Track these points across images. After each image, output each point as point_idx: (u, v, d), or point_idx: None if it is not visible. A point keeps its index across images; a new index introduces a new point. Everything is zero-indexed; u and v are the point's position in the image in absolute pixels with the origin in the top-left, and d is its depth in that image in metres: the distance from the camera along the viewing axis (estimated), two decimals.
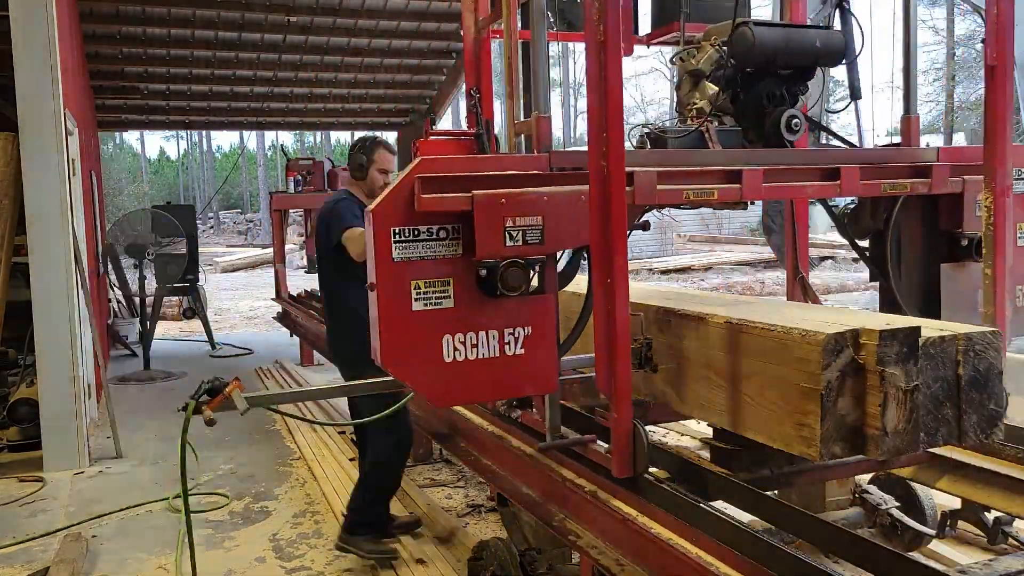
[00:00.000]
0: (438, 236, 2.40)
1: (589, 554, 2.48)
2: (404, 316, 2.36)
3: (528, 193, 2.42)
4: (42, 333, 5.29)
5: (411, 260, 2.36)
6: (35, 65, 5.17)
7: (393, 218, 2.33)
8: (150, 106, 13.02)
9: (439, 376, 2.41)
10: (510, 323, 2.47)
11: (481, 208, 2.36)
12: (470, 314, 2.43)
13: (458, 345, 2.42)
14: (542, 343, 2.51)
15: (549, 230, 2.45)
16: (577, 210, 2.45)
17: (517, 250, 2.41)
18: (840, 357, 2.00)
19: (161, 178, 47.97)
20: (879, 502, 3.10)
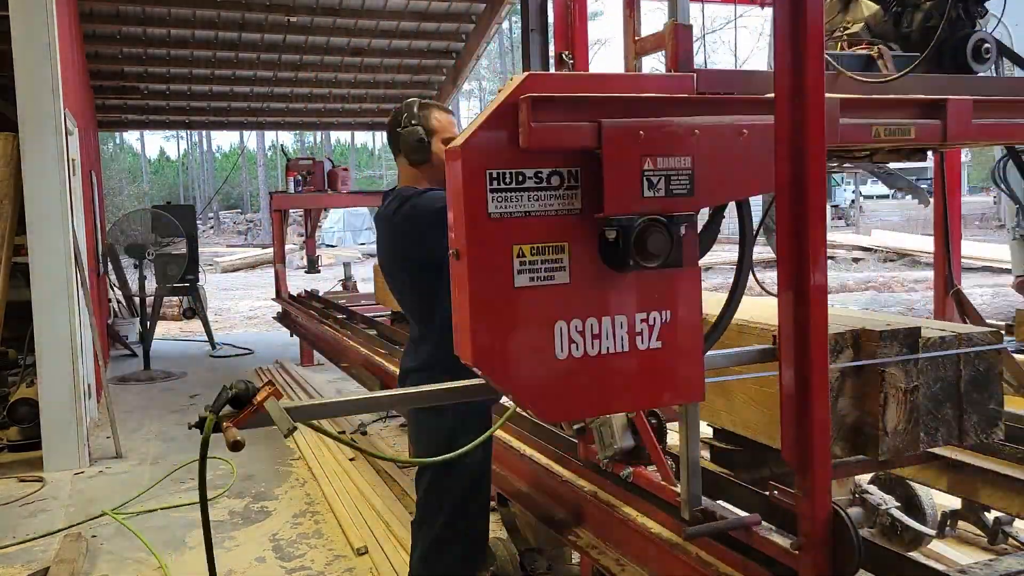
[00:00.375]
0: (549, 184, 1.64)
1: (589, 554, 2.48)
2: (504, 294, 1.62)
3: (674, 124, 1.68)
4: (42, 333, 5.29)
5: (513, 216, 1.62)
6: (35, 65, 5.17)
7: (490, 157, 1.59)
8: (150, 106, 13.02)
9: (549, 379, 1.67)
10: (644, 306, 1.73)
11: (612, 143, 1.62)
12: (592, 293, 1.69)
13: (575, 335, 1.68)
14: (685, 334, 1.77)
15: (700, 177, 1.70)
16: (737, 149, 1.74)
17: (659, 203, 1.67)
18: (840, 357, 2.00)
19: (161, 178, 48.01)
20: (879, 502, 3.10)
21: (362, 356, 5.37)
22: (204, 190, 42.19)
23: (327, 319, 6.84)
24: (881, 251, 18.30)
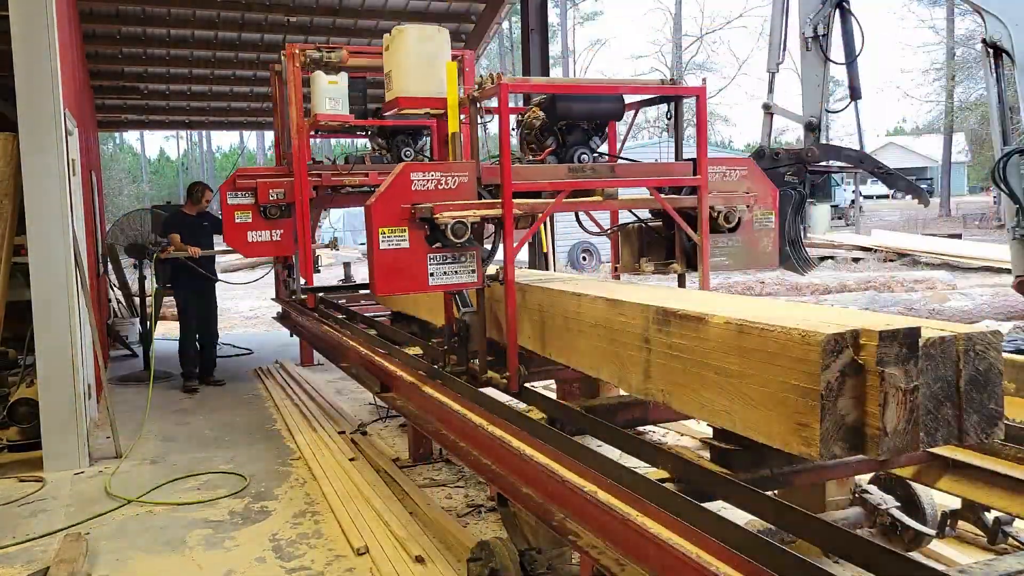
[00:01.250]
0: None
1: (589, 554, 2.48)
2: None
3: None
4: (42, 333, 5.29)
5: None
6: (35, 65, 5.17)
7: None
8: (150, 106, 13.03)
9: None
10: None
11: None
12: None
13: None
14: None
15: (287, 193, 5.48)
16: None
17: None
18: (840, 357, 2.00)
19: (161, 178, 48.00)
20: (879, 502, 3.10)
21: (362, 356, 5.37)
22: None
23: (327, 319, 6.84)
24: (881, 251, 18.30)
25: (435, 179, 3.64)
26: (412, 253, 3.61)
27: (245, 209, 7.15)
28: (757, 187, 4.19)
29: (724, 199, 4.07)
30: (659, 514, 2.29)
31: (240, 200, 7.13)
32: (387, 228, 3.60)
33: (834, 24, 5.98)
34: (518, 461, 3.05)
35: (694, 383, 2.55)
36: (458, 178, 3.67)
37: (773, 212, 4.27)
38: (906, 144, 50.91)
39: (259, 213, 7.13)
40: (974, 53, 27.06)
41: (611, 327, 3.05)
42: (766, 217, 4.24)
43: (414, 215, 3.58)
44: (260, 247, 7.32)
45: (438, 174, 3.65)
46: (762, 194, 4.21)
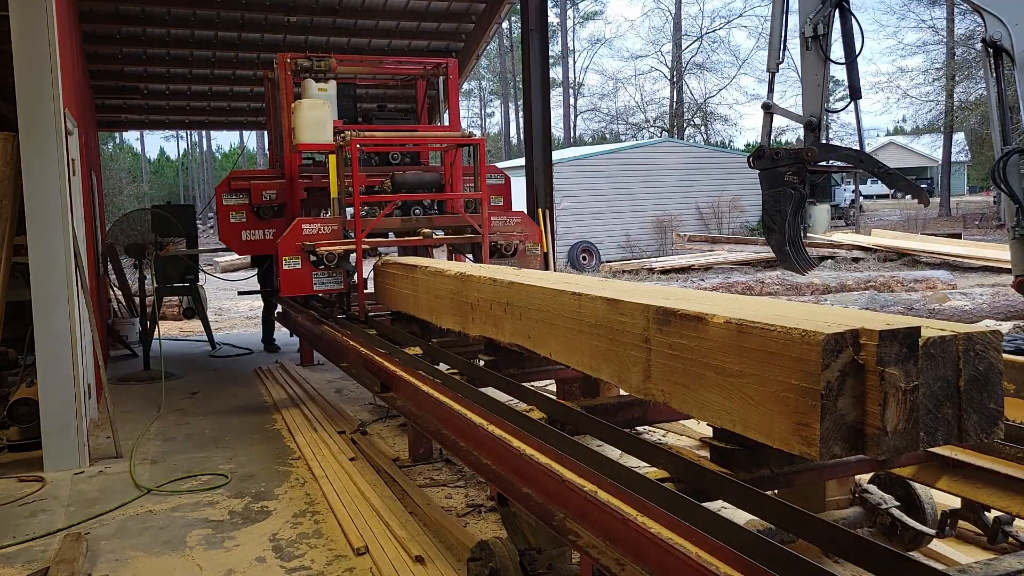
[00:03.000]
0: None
1: (589, 554, 2.48)
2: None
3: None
4: (42, 333, 5.29)
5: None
6: (35, 65, 5.17)
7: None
8: (150, 106, 13.03)
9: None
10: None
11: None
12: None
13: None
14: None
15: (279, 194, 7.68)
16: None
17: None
18: (840, 357, 2.00)
19: (161, 178, 48.02)
20: (879, 502, 3.10)
21: (362, 356, 5.37)
22: (204, 190, 42.19)
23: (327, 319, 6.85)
24: (881, 251, 18.30)
25: (317, 227, 6.34)
26: (303, 270, 6.25)
27: (239, 209, 7.53)
28: (528, 229, 7.12)
29: (504, 236, 6.87)
30: (659, 514, 2.29)
31: (235, 200, 7.52)
32: (288, 256, 6.23)
33: (834, 24, 5.98)
34: (518, 461, 3.05)
35: (694, 383, 2.55)
36: (331, 227, 6.41)
37: (539, 244, 7.10)
38: (906, 144, 50.94)
39: (253, 213, 7.54)
40: (974, 53, 27.06)
41: (610, 327, 3.05)
42: (534, 248, 7.04)
43: (304, 249, 6.25)
44: (253, 245, 7.68)
45: (319, 225, 6.36)
46: (531, 233, 7.09)
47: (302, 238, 6.18)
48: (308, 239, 6.19)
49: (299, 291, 6.25)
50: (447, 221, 6.89)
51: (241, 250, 7.79)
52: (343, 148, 6.38)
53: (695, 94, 41.39)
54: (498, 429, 3.31)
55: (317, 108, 7.51)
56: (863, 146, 6.22)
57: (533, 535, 3.16)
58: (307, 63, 7.57)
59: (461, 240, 6.73)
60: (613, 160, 23.93)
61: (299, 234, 6.20)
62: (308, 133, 7.35)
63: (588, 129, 46.17)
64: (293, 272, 6.13)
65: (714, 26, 44.24)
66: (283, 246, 6.13)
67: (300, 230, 6.20)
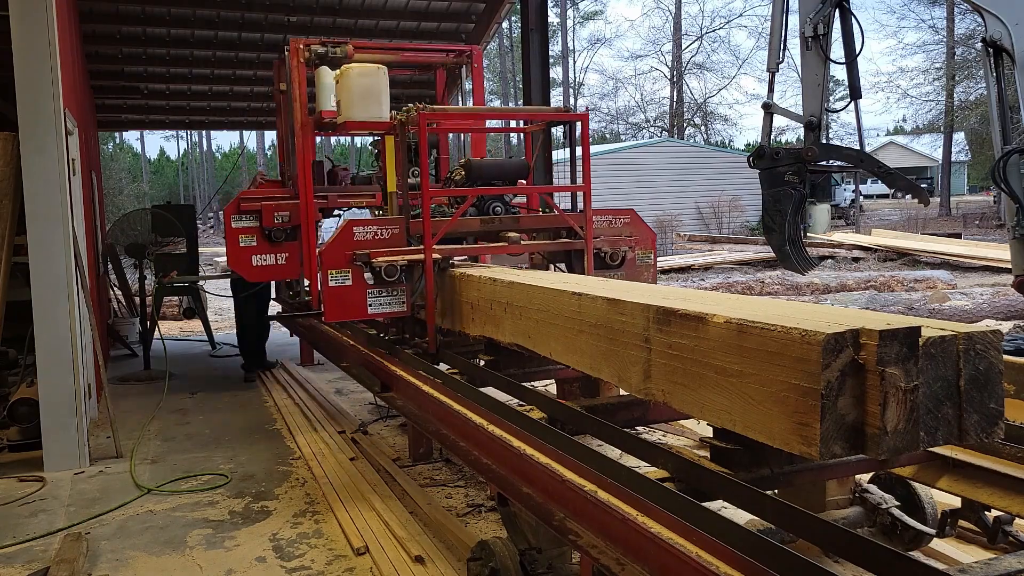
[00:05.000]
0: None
1: (589, 553, 2.48)
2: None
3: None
4: (42, 333, 5.29)
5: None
6: (35, 65, 5.17)
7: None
8: (150, 106, 13.02)
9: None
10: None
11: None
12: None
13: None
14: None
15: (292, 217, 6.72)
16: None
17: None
18: (840, 357, 1.99)
19: (161, 178, 48.02)
20: (879, 501, 3.10)
21: (362, 356, 5.37)
22: (204, 190, 42.20)
23: None
24: (881, 251, 18.30)
25: (373, 231, 4.68)
26: (355, 289, 4.65)
27: (250, 232, 6.83)
28: (638, 232, 5.26)
29: (609, 243, 5.12)
30: (659, 514, 2.29)
31: (245, 223, 6.82)
32: (335, 269, 4.60)
33: (834, 23, 5.98)
34: (518, 461, 3.05)
35: (694, 383, 2.55)
36: (391, 230, 4.73)
37: (652, 251, 5.29)
38: (906, 144, 50.93)
39: (264, 236, 6.82)
40: (974, 53, 27.05)
41: (610, 326, 3.05)
42: (646, 256, 5.27)
43: (355, 260, 4.61)
44: (264, 271, 6.96)
45: (375, 227, 4.69)
46: (642, 238, 5.26)
47: (353, 245, 4.59)
48: (361, 246, 4.61)
49: (349, 315, 4.67)
50: (539, 222, 5.25)
51: (251, 276, 7.04)
52: (405, 127, 4.89)
53: (695, 94, 41.39)
54: (498, 429, 3.31)
55: (370, 74, 6.01)
56: (863, 146, 6.22)
57: (533, 535, 3.16)
58: (322, 49, 6.58)
59: (556, 246, 5.06)
60: (613, 160, 23.93)
61: (349, 240, 4.59)
62: (359, 107, 5.94)
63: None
64: (341, 291, 4.58)
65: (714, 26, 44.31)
66: (329, 256, 4.59)
67: (350, 234, 4.58)
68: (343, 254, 4.60)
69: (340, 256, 4.60)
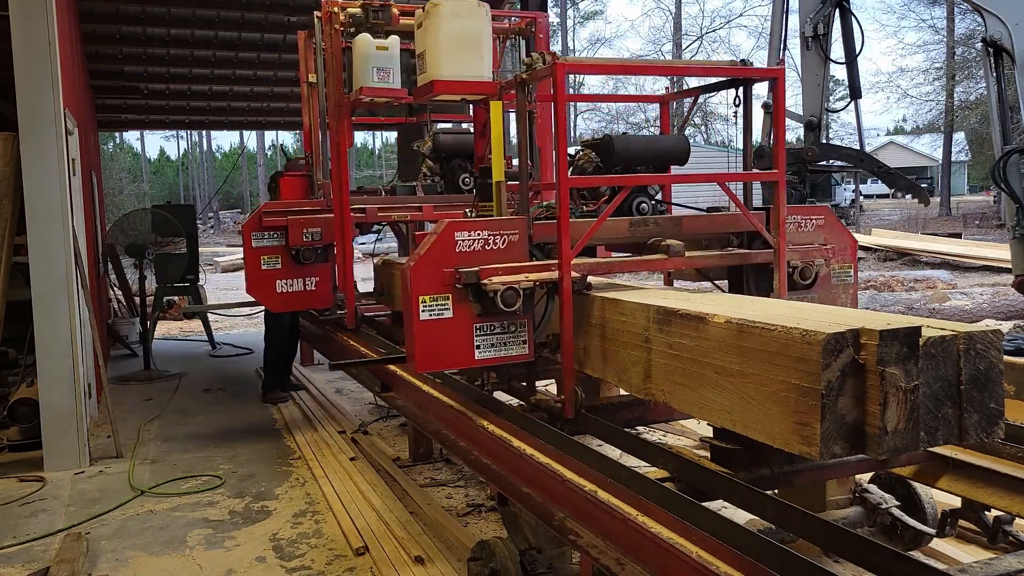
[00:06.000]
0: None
1: (589, 553, 2.48)
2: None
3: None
4: (42, 333, 5.29)
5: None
6: (35, 65, 5.17)
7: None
8: (150, 106, 13.03)
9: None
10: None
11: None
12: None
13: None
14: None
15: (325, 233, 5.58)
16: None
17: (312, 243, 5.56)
18: (840, 357, 1.99)
19: (161, 178, 48.01)
20: (879, 501, 3.10)
21: (363, 356, 5.37)
22: (204, 190, 42.19)
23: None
24: (881, 250, 18.29)
25: (482, 239, 3.17)
26: (457, 324, 3.13)
27: (273, 253, 5.64)
28: (834, 238, 3.75)
29: (800, 253, 3.61)
30: (659, 514, 2.29)
31: (267, 242, 5.65)
32: (428, 296, 3.10)
33: (834, 23, 5.99)
34: (518, 461, 3.05)
35: (694, 383, 2.55)
36: (508, 236, 3.21)
37: (852, 265, 3.82)
38: (906, 144, 50.92)
39: (291, 257, 5.65)
40: (974, 53, 27.06)
41: (611, 326, 3.05)
42: (844, 271, 3.79)
43: (459, 280, 3.10)
44: (291, 299, 5.75)
45: (485, 233, 3.18)
46: (840, 246, 3.76)
47: (455, 259, 3.17)
48: (467, 260, 3.17)
49: (449, 361, 3.26)
50: (708, 225, 3.69)
51: (276, 306, 5.89)
52: (527, 86, 3.36)
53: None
54: (498, 429, 3.31)
55: (468, 14, 4.39)
56: (863, 146, 6.23)
57: (533, 535, 3.16)
58: (360, 14, 5.28)
59: (732, 259, 3.60)
60: None
61: (449, 251, 3.17)
62: (452, 60, 4.27)
63: (588, 129, 46.15)
64: (437, 327, 3.15)
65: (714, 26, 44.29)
66: (421, 275, 3.13)
67: (451, 243, 3.17)
68: (441, 272, 3.12)
69: (436, 275, 3.11)
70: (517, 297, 3.12)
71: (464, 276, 3.11)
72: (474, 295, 3.14)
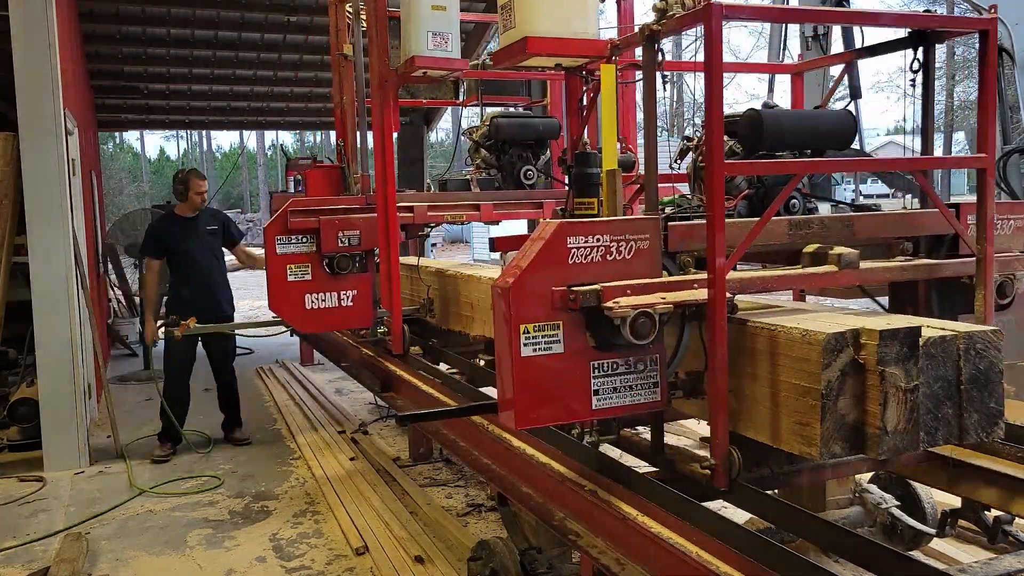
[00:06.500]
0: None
1: (589, 553, 2.48)
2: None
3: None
4: (42, 333, 5.29)
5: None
6: (35, 65, 5.17)
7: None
8: (150, 106, 13.02)
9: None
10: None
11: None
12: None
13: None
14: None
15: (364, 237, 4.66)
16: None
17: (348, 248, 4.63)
18: (840, 357, 1.99)
19: (161, 178, 47.97)
20: (879, 501, 3.10)
21: (363, 355, 5.37)
22: None
23: None
24: None
25: (603, 246, 2.32)
26: (569, 361, 2.28)
27: (302, 260, 4.65)
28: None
29: (997, 264, 2.69)
30: (659, 514, 2.29)
31: (294, 247, 4.64)
32: (532, 324, 2.24)
33: None
34: (518, 461, 3.05)
35: None
36: (635, 243, 2.35)
37: None
38: (906, 143, 50.88)
39: (323, 266, 4.65)
40: (974, 53, 27.06)
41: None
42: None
43: (573, 302, 2.23)
44: (323, 317, 4.73)
45: (607, 238, 2.32)
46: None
47: (567, 271, 2.32)
48: (582, 274, 2.32)
49: (560, 413, 2.37)
50: (881, 227, 2.78)
51: (305, 325, 4.89)
52: (658, 38, 2.47)
53: (695, 93, 41.35)
54: (498, 428, 3.31)
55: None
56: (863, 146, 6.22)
57: (533, 534, 3.16)
58: None
59: (919, 272, 2.70)
60: None
61: (561, 262, 2.31)
62: (552, 11, 3.28)
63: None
64: (544, 366, 2.29)
65: None
66: (521, 297, 2.25)
67: (563, 250, 2.31)
68: (549, 291, 2.26)
69: (544, 295, 2.26)
70: (652, 326, 2.24)
71: (582, 297, 2.23)
72: (591, 322, 2.28)
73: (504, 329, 2.28)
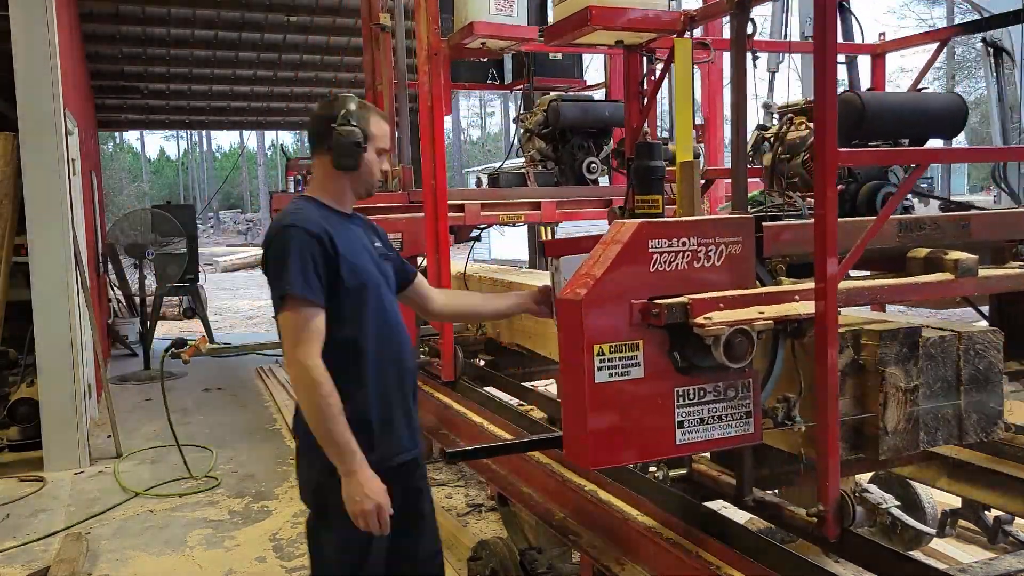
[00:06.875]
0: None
1: (589, 553, 2.48)
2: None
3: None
4: (42, 333, 5.29)
5: None
6: (35, 65, 5.17)
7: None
8: (150, 106, 13.03)
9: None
10: None
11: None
12: None
13: None
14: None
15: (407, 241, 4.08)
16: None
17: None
18: (840, 357, 1.99)
19: (161, 178, 47.98)
20: (879, 501, 3.10)
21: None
22: (204, 190, 42.17)
23: None
24: None
25: (689, 251, 1.90)
26: (650, 387, 1.87)
27: None
28: None
29: None
30: (659, 513, 2.29)
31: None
32: (608, 344, 1.83)
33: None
34: (519, 461, 3.05)
35: None
36: (726, 247, 1.95)
37: None
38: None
39: None
40: (974, 53, 27.08)
41: None
42: None
43: (657, 318, 1.83)
44: None
45: (694, 240, 1.91)
46: None
47: (649, 283, 1.86)
48: (665, 285, 1.88)
49: (640, 450, 1.91)
50: (998, 229, 2.38)
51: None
52: (748, 6, 2.23)
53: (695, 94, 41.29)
54: (498, 428, 3.31)
55: None
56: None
57: (533, 534, 3.16)
58: None
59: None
60: None
61: (641, 270, 1.86)
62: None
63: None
64: (620, 393, 1.84)
65: None
66: (594, 312, 1.80)
67: (644, 256, 1.86)
68: (628, 305, 1.85)
69: (621, 310, 1.85)
70: (749, 346, 1.86)
71: (667, 311, 1.82)
72: (675, 341, 1.88)
73: (574, 350, 1.86)
